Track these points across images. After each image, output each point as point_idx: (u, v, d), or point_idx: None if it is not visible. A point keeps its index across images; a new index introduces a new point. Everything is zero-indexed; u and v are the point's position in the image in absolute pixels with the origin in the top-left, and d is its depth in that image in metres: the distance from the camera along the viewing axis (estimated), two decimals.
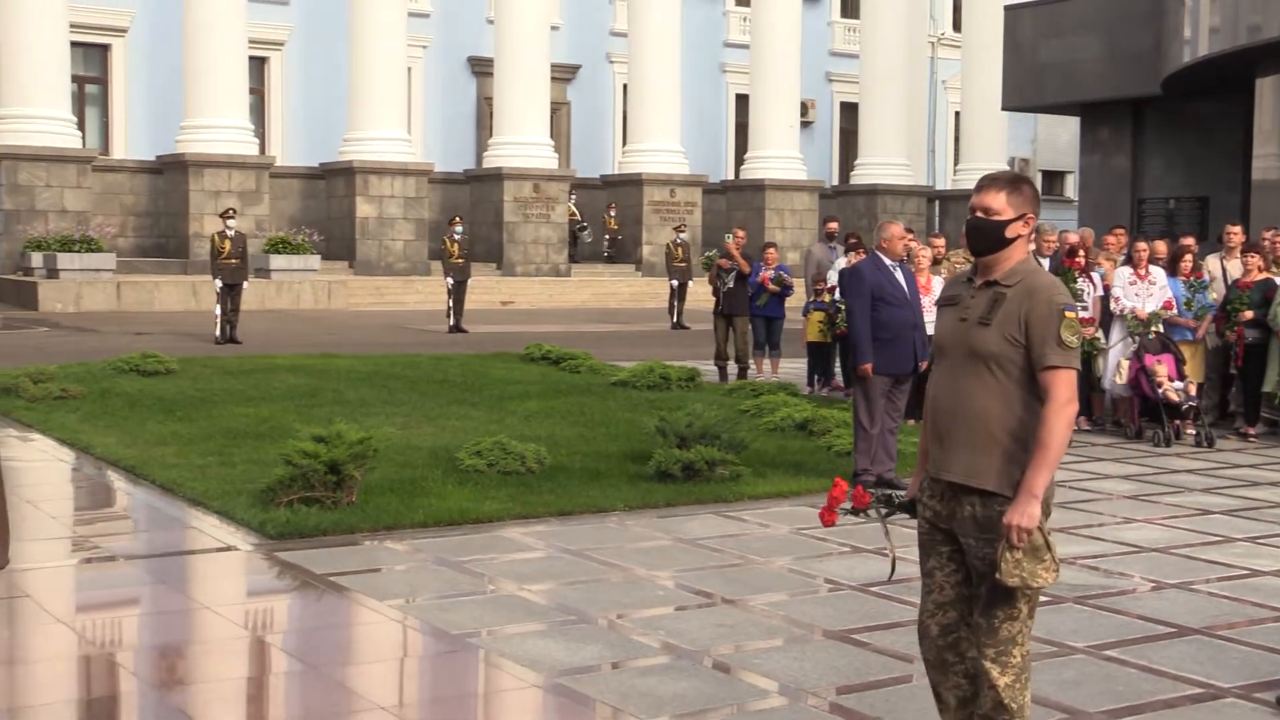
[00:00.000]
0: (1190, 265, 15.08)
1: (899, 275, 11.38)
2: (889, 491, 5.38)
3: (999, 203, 4.92)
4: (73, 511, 10.92)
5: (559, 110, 43.54)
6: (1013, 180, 5.02)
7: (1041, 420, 4.74)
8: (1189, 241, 16.12)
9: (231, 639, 7.43)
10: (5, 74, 33.70)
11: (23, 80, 33.46)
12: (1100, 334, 14.82)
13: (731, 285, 19.03)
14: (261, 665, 7.09)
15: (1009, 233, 4.91)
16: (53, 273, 31.69)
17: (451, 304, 28.04)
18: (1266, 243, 15.41)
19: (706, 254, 35.19)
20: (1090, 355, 14.74)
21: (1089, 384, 15.11)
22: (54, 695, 6.55)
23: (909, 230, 14.31)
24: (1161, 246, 15.58)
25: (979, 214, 4.95)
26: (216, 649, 7.26)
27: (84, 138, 35.90)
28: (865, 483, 11.09)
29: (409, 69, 39.32)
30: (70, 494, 11.67)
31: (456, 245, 28.30)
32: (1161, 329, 14.42)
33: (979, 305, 4.89)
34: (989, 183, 5.01)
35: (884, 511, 5.21)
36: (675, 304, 31.02)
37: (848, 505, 5.19)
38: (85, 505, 11.25)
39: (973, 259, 5.06)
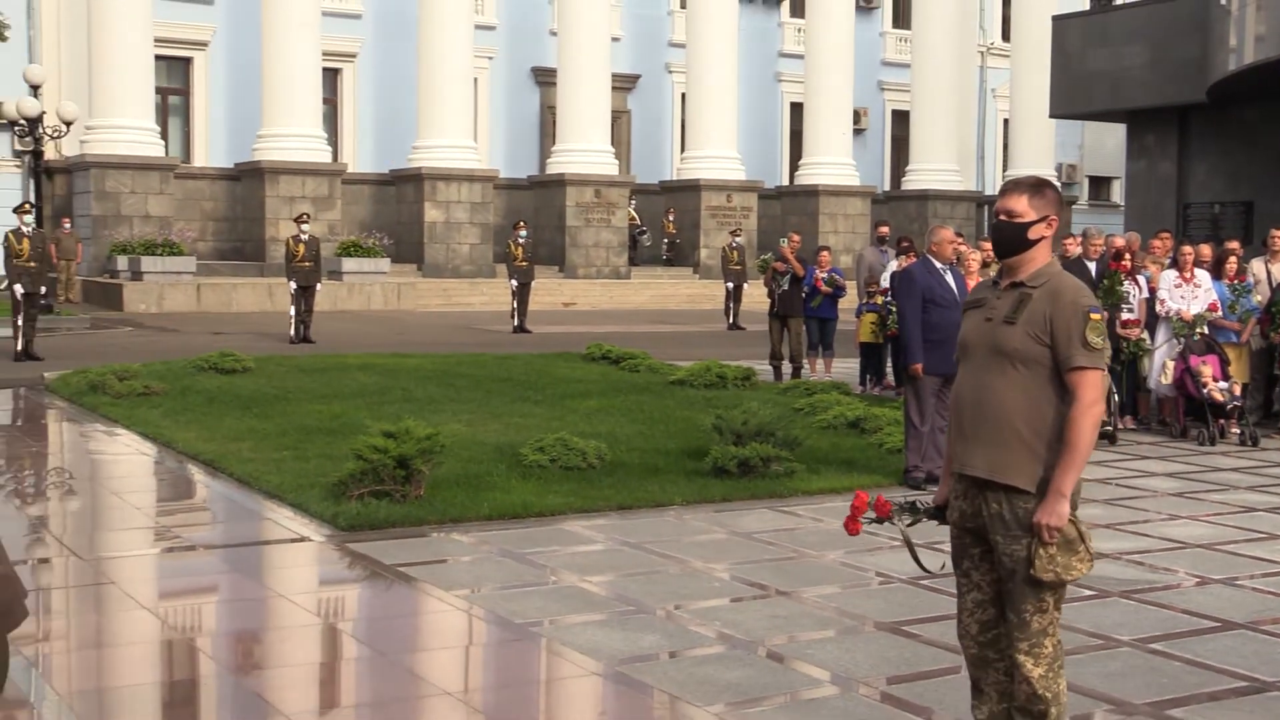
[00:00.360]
0: (1235, 268, 14.90)
1: (949, 278, 11.31)
2: (913, 499, 5.35)
3: (1022, 205, 4.90)
4: (155, 502, 11.02)
5: (619, 118, 43.57)
6: (1035, 184, 5.00)
7: (1069, 422, 4.72)
8: (1234, 245, 15.93)
9: (305, 626, 7.48)
10: (94, 86, 34.21)
11: (110, 92, 33.93)
12: (1146, 335, 14.69)
13: (786, 287, 18.96)
14: (333, 651, 7.13)
15: (1032, 234, 4.89)
16: (137, 275, 32.04)
17: (516, 305, 28.14)
18: None
19: (762, 257, 34.91)
20: (1136, 356, 14.63)
21: (1135, 384, 14.99)
22: (137, 678, 6.61)
23: (959, 234, 14.23)
24: (1206, 250, 15.38)
25: (1002, 217, 4.95)
26: (290, 635, 7.31)
27: (167, 146, 36.28)
28: (915, 480, 11.12)
29: (475, 79, 39.46)
30: (153, 486, 11.79)
31: (520, 249, 28.37)
32: (1206, 330, 14.26)
33: (1004, 305, 4.88)
34: (1012, 186, 5.00)
35: (907, 520, 5.20)
36: (731, 305, 30.98)
37: (870, 515, 5.17)
38: (167, 497, 11.36)
39: (999, 260, 5.04)
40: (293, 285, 24.75)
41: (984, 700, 5.04)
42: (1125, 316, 14.34)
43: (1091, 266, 14.48)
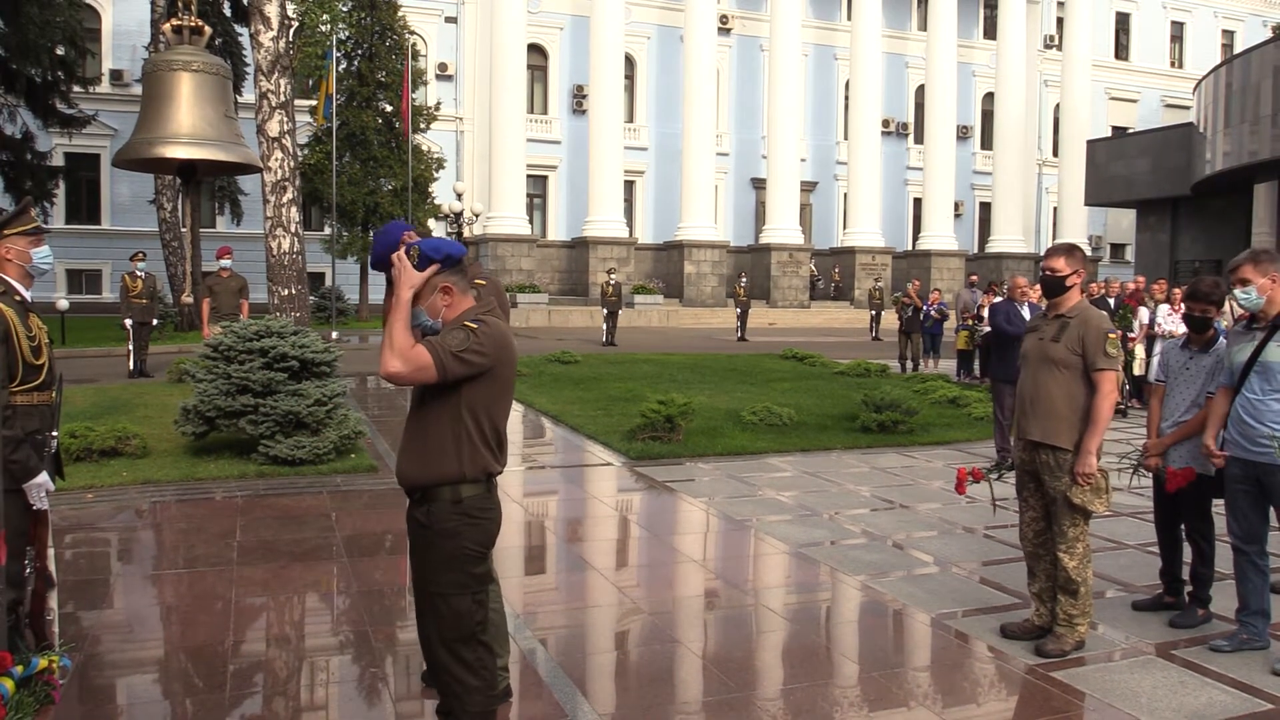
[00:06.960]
0: None
1: (1025, 310, 10.93)
2: (996, 462, 5.34)
3: (1060, 264, 4.75)
4: (522, 439, 11.28)
5: (805, 209, 42.87)
6: (1068, 248, 4.83)
7: (1094, 404, 4.57)
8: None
9: (607, 516, 7.57)
10: (492, 192, 35.40)
11: (501, 196, 35.08)
12: (1137, 348, 13.84)
13: (910, 314, 18.78)
14: (624, 531, 7.20)
15: (1068, 283, 4.75)
16: (514, 305, 32.90)
17: (739, 324, 28.02)
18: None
19: (895, 295, 34.26)
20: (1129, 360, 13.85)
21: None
22: (513, 542, 6.78)
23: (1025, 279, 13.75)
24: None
25: (1048, 273, 4.80)
26: (599, 521, 7.39)
27: (531, 228, 37.20)
28: (1005, 457, 10.67)
29: (716, 186, 39.45)
30: (521, 429, 12.10)
31: (742, 289, 28.25)
32: None
33: (1051, 330, 4.73)
34: (1052, 252, 4.82)
35: (994, 477, 5.24)
36: (874, 325, 30.30)
37: (971, 480, 5.18)
38: (529, 436, 11.62)
39: (1047, 300, 4.90)
40: (604, 311, 25.10)
41: (1035, 580, 4.89)
42: (1132, 335, 13.56)
43: (1111, 302, 13.73)
